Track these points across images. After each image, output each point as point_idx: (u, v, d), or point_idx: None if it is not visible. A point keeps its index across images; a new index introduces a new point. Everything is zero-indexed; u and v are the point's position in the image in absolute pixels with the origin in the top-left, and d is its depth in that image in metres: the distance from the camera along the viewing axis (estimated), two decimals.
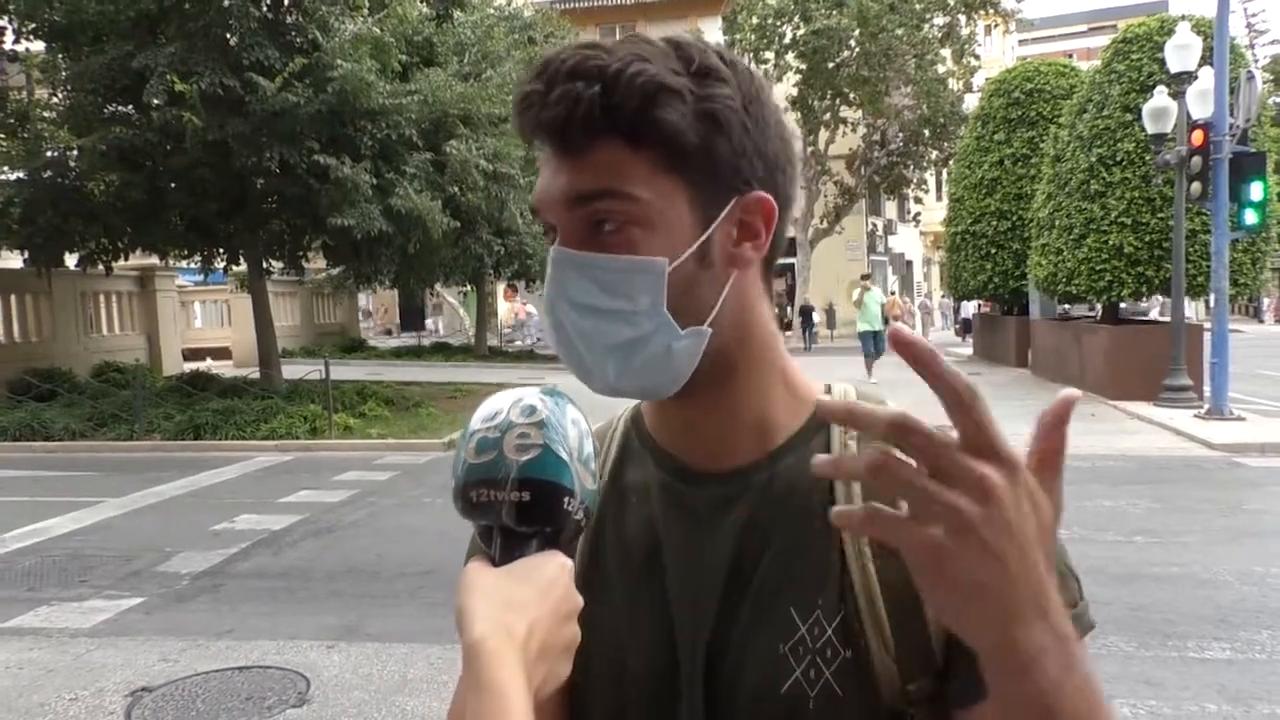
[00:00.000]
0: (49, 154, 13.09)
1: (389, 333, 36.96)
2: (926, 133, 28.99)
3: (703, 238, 0.77)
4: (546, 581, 0.69)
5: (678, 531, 0.85)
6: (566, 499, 0.71)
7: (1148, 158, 12.97)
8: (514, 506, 0.70)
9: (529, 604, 0.67)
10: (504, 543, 0.71)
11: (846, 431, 0.83)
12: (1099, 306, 15.61)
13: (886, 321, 17.12)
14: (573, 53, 0.74)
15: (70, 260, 15.16)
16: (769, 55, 26.83)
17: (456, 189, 13.88)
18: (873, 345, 17.04)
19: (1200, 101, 11.70)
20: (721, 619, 0.82)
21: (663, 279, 0.75)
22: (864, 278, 19.18)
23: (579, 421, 0.75)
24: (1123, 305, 15.95)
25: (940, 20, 27.50)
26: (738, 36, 26.48)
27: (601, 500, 0.86)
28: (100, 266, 14.74)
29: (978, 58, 28.65)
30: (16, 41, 13.64)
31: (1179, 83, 11.98)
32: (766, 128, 0.79)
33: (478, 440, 0.71)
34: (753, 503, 0.83)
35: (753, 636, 0.80)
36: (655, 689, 0.83)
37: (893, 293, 38.01)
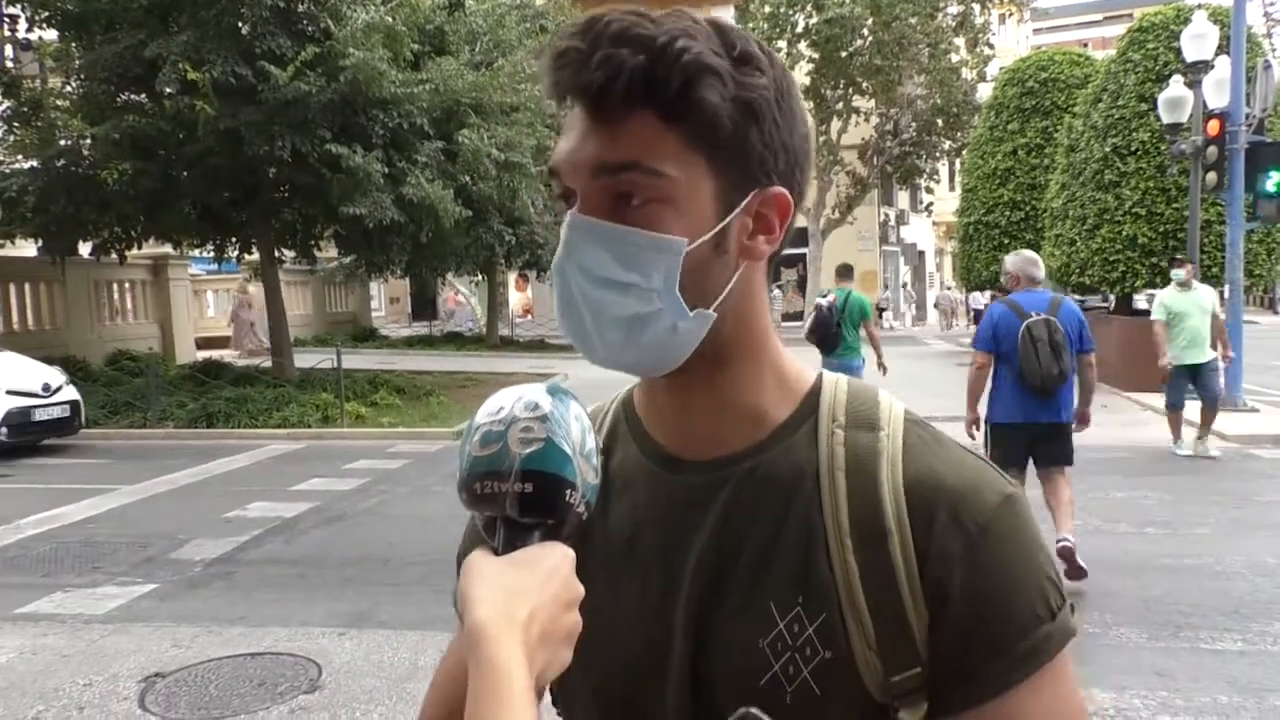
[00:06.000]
0: (62, 142, 13.12)
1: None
2: (940, 122, 28.86)
3: (721, 225, 0.77)
4: (548, 570, 0.69)
5: (658, 520, 0.85)
6: (569, 491, 0.72)
7: (1163, 147, 12.89)
8: (517, 498, 0.70)
9: (530, 591, 0.67)
10: (507, 534, 0.72)
11: (834, 420, 0.82)
12: (1112, 297, 15.52)
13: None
14: (619, 16, 0.72)
15: (84, 249, 15.26)
16: (781, 44, 26.69)
17: (468, 178, 13.88)
18: (1189, 386, 9.22)
19: (1216, 91, 11.61)
20: (701, 609, 0.81)
21: (679, 259, 0.75)
22: (1174, 261, 9.99)
23: (581, 417, 0.75)
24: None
25: (954, 9, 27.34)
26: (750, 25, 26.36)
27: None
28: (114, 255, 14.79)
29: (991, 47, 28.49)
30: (30, 30, 13.65)
31: (1195, 72, 11.89)
32: (794, 122, 0.79)
33: (482, 434, 0.73)
34: (733, 493, 0.82)
35: (732, 629, 0.80)
36: (635, 677, 0.83)
37: (949, 287, 37.15)
